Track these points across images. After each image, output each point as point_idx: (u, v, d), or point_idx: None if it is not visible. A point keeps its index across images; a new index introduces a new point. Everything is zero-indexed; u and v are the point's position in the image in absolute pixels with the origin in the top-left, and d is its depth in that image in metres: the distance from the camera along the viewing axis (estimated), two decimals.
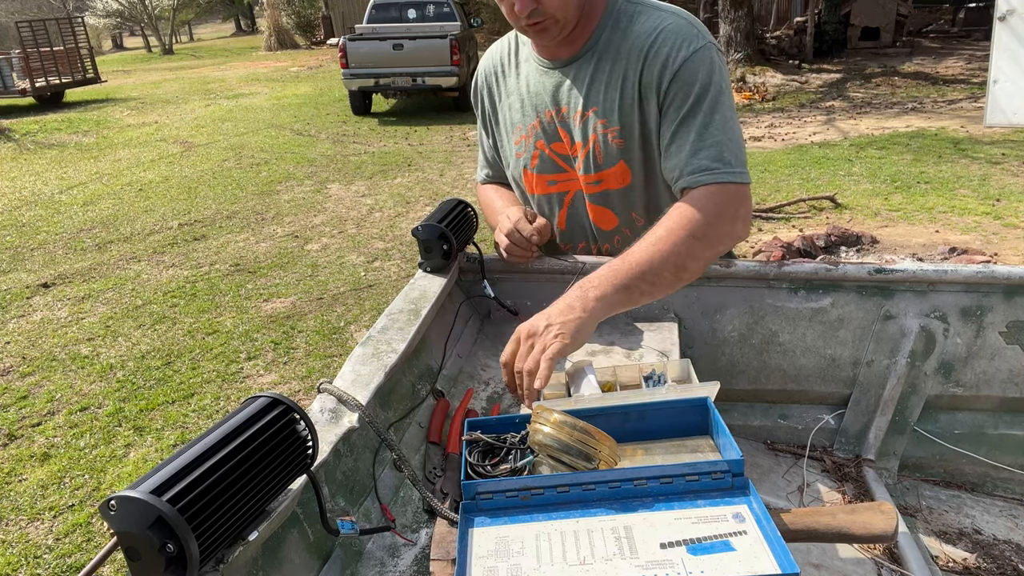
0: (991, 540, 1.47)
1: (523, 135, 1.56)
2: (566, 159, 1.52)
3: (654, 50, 1.34)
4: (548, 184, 1.57)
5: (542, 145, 1.53)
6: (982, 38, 14.30)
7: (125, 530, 0.67)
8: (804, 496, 1.52)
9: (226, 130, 11.11)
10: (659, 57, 1.33)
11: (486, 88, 1.64)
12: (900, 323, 1.55)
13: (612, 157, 1.44)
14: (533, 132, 1.53)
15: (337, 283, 5.08)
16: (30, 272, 5.58)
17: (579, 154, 1.48)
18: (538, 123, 1.52)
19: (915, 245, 5.05)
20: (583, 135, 1.45)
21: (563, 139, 1.50)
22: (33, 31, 14.90)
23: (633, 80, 1.37)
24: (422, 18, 12.22)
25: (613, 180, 1.47)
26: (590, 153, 1.46)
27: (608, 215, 1.54)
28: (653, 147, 1.42)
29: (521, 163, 1.59)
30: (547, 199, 1.60)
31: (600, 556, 0.81)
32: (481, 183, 1.79)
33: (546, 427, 0.94)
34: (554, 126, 1.50)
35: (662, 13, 1.39)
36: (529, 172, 1.58)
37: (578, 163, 1.49)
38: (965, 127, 8.48)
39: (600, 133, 1.43)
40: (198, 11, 37.31)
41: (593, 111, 1.42)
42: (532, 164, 1.56)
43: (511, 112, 1.58)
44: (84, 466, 3.15)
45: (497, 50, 1.62)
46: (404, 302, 1.39)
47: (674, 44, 1.33)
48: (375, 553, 0.99)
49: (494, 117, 1.65)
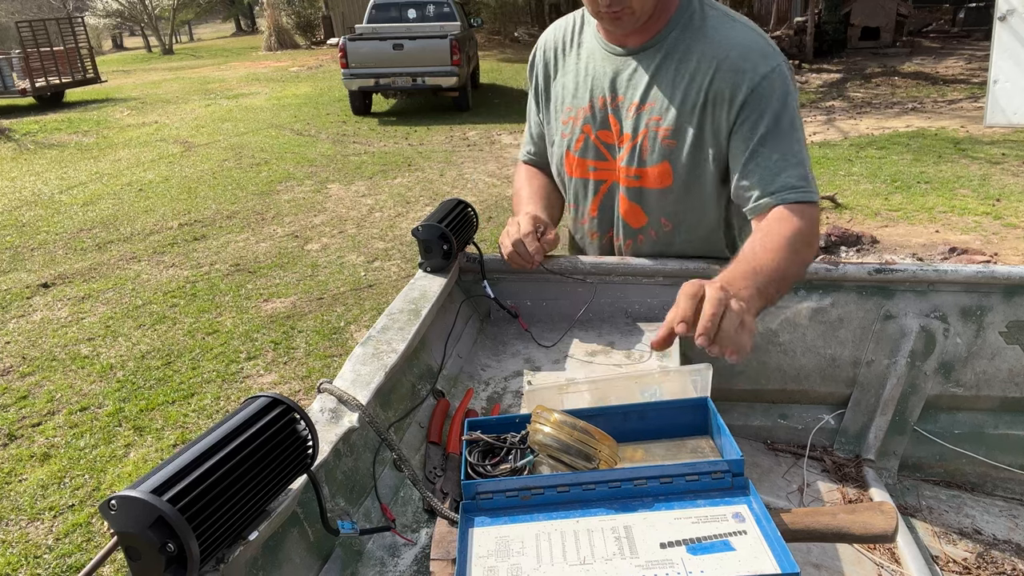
0: (991, 540, 1.47)
1: (571, 116, 1.55)
2: (610, 148, 1.52)
3: (730, 61, 1.34)
4: (588, 170, 1.57)
5: (589, 130, 1.52)
6: (982, 38, 14.29)
7: (125, 530, 0.67)
8: (804, 496, 1.52)
9: (226, 130, 11.11)
10: (736, 70, 1.33)
11: (543, 63, 1.62)
12: (900, 323, 1.55)
13: (657, 155, 1.44)
14: (582, 115, 1.52)
15: (337, 283, 5.08)
16: (30, 272, 5.58)
17: (625, 145, 1.47)
18: (589, 107, 1.51)
19: (915, 245, 5.05)
20: (634, 127, 1.45)
21: (612, 128, 1.50)
22: (33, 31, 14.90)
23: (701, 85, 1.36)
24: (422, 18, 12.23)
25: (652, 179, 1.47)
26: (637, 146, 1.45)
27: (638, 212, 1.53)
28: (703, 155, 1.41)
29: (565, 144, 1.58)
30: (584, 184, 1.59)
31: (600, 556, 0.81)
32: (522, 161, 1.79)
33: (546, 427, 0.95)
34: (605, 113, 1.49)
35: (737, 23, 1.39)
36: (571, 154, 1.57)
37: (622, 154, 1.49)
38: (965, 127, 8.48)
39: (652, 129, 1.42)
40: (198, 11, 37.30)
41: (650, 106, 1.42)
42: (576, 147, 1.55)
43: (563, 91, 1.57)
44: (84, 466, 3.15)
45: (561, 26, 1.60)
46: (404, 302, 1.39)
47: (754, 60, 1.33)
48: (375, 553, 0.99)
49: (546, 94, 1.63)
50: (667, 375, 1.19)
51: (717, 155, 1.41)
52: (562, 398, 1.15)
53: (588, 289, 1.60)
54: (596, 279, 1.60)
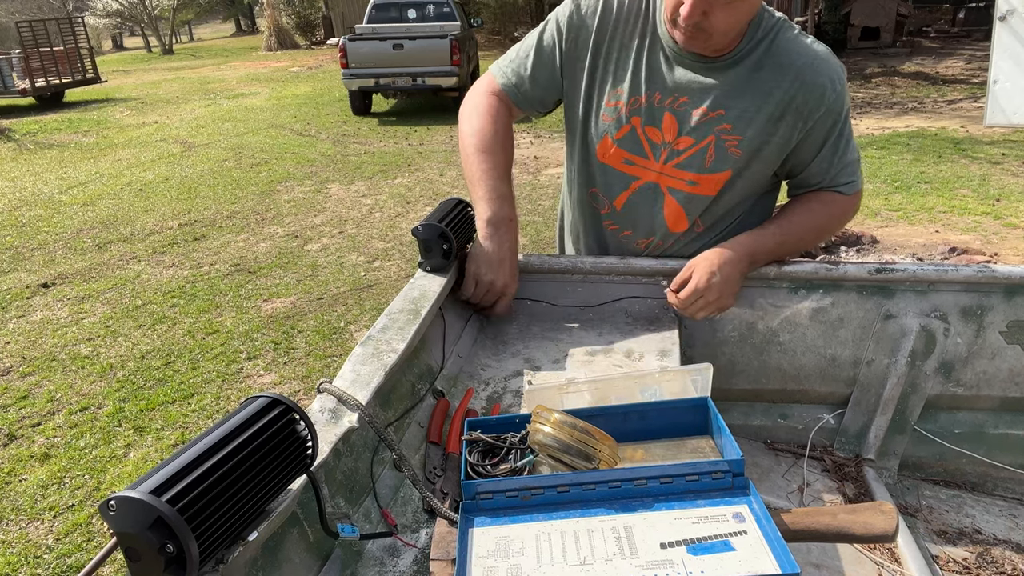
0: (991, 540, 1.47)
1: (620, 102, 1.49)
2: (653, 146, 1.50)
3: (811, 76, 1.40)
4: (623, 162, 1.53)
5: (637, 122, 1.49)
6: (982, 38, 14.29)
7: (125, 530, 0.67)
8: (804, 496, 1.52)
9: (226, 130, 11.11)
10: (817, 85, 1.40)
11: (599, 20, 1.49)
12: (900, 323, 1.55)
13: (721, 164, 1.46)
14: (634, 106, 1.48)
15: (337, 283, 5.08)
16: (30, 272, 5.58)
17: (684, 149, 1.47)
18: (644, 99, 1.47)
19: (915, 245, 5.05)
20: (700, 133, 1.45)
21: (664, 127, 1.47)
22: (33, 31, 14.90)
23: (780, 98, 1.41)
24: (422, 18, 12.23)
25: (707, 186, 1.49)
26: (700, 152, 1.46)
27: (682, 217, 1.55)
28: (766, 166, 1.49)
29: (604, 127, 1.52)
30: (616, 175, 1.56)
31: (600, 556, 0.81)
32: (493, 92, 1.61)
33: (546, 427, 0.94)
34: (661, 111, 1.47)
35: (802, 36, 1.45)
36: (610, 140, 1.52)
37: (678, 158, 1.48)
38: (965, 127, 8.48)
39: (720, 137, 1.44)
40: (198, 11, 37.32)
41: (720, 113, 1.43)
42: (618, 135, 1.51)
43: (619, 71, 1.49)
44: (84, 466, 3.15)
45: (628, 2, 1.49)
46: (404, 302, 1.38)
47: (829, 75, 1.41)
48: (375, 553, 0.99)
49: (592, 57, 1.51)
50: (667, 375, 1.19)
51: (776, 164, 1.50)
52: (562, 398, 1.15)
53: (588, 288, 1.60)
54: (596, 279, 1.60)
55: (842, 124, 1.46)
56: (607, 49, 1.50)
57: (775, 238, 1.50)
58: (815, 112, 1.41)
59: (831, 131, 1.45)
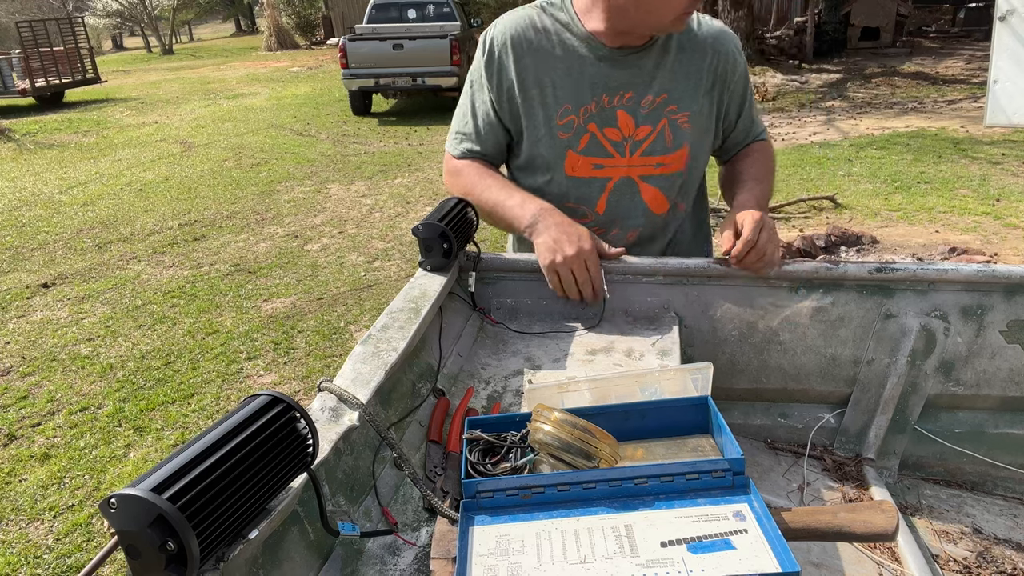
0: (991, 539, 1.47)
1: (573, 116, 1.55)
2: (616, 145, 1.58)
3: (723, 46, 1.59)
4: (593, 167, 1.59)
5: (594, 128, 1.55)
6: (982, 38, 14.30)
7: (125, 528, 0.67)
8: (804, 495, 1.52)
9: (226, 130, 11.11)
10: (729, 54, 1.59)
11: (513, 57, 1.56)
12: (900, 322, 1.55)
13: (680, 140, 1.59)
14: (586, 114, 1.55)
15: (337, 283, 5.08)
16: (30, 272, 5.58)
17: (644, 138, 1.57)
18: (594, 106, 1.54)
19: (915, 245, 5.05)
20: (652, 120, 1.56)
21: (620, 125, 1.55)
22: (33, 31, 14.91)
23: (706, 70, 1.57)
24: (422, 18, 12.23)
25: (674, 163, 1.61)
26: (659, 136, 1.57)
27: (661, 197, 1.65)
28: (711, 131, 1.65)
29: (564, 143, 1.57)
30: (588, 183, 1.61)
31: (600, 555, 0.81)
32: (458, 157, 1.68)
33: (547, 426, 0.94)
34: (612, 111, 1.54)
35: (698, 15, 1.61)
36: (574, 153, 1.58)
37: (641, 147, 1.58)
38: (965, 127, 8.48)
39: (671, 118, 1.56)
40: (198, 11, 37.34)
41: (664, 97, 1.55)
42: (580, 146, 1.57)
43: (557, 89, 1.55)
44: (84, 466, 3.15)
45: (521, 22, 1.57)
46: (404, 301, 1.38)
47: (735, 43, 1.62)
48: (375, 552, 0.99)
49: (522, 90, 1.57)
50: (667, 374, 1.19)
51: (716, 127, 1.66)
52: (562, 397, 1.15)
53: None
54: None
55: (749, 84, 1.69)
56: (535, 77, 1.56)
57: (760, 189, 1.61)
58: (731, 77, 1.60)
59: (745, 91, 1.66)
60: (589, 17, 1.53)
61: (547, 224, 1.49)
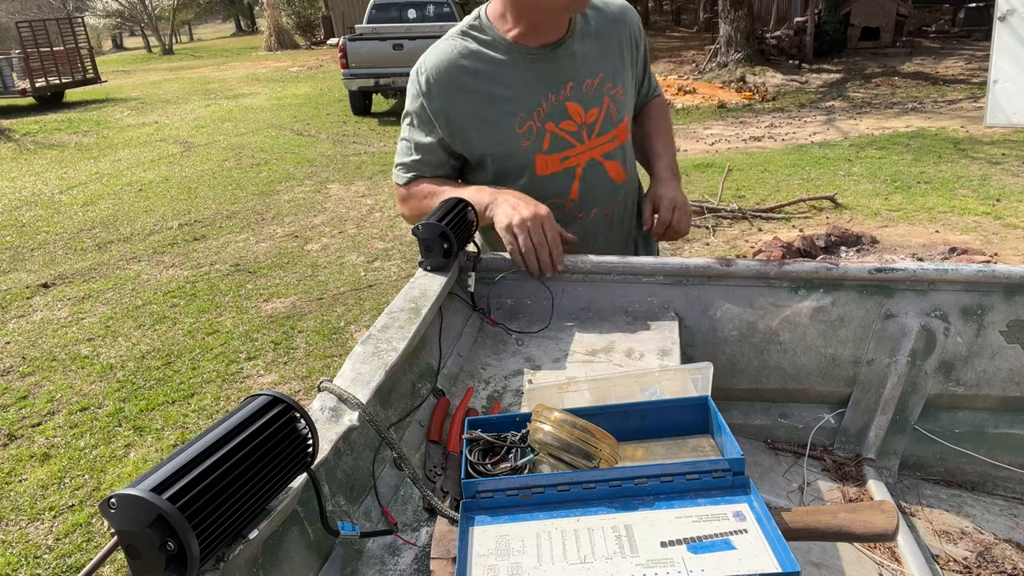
0: (991, 539, 1.47)
1: (529, 122, 1.60)
2: (574, 134, 1.65)
3: (622, 16, 1.70)
4: (561, 161, 1.65)
5: (551, 126, 1.61)
6: (982, 38, 14.29)
7: (125, 528, 0.67)
8: (804, 495, 1.52)
9: (226, 130, 11.11)
10: (628, 22, 1.70)
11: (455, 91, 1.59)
12: (900, 322, 1.55)
13: (621, 112, 1.70)
14: (540, 115, 1.60)
15: (337, 283, 5.08)
16: (30, 272, 5.59)
17: (597, 119, 1.65)
18: (545, 106, 1.59)
19: (915, 245, 5.05)
20: (598, 100, 1.64)
21: (572, 115, 1.62)
22: (33, 31, 14.91)
23: (620, 42, 1.68)
24: (422, 18, 12.23)
25: (621, 134, 1.72)
26: (607, 114, 1.66)
27: (619, 169, 1.75)
28: (633, 96, 1.78)
29: (531, 150, 1.61)
30: (560, 176, 1.67)
31: (600, 555, 0.81)
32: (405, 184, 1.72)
33: (547, 426, 0.94)
34: (561, 104, 1.60)
35: None
36: (542, 155, 1.63)
37: (596, 128, 1.66)
38: (965, 127, 8.48)
39: (609, 93, 1.66)
40: (198, 11, 37.34)
41: (600, 77, 1.64)
42: (544, 146, 1.63)
43: (506, 104, 1.58)
44: (84, 466, 3.15)
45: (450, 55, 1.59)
46: (404, 301, 1.38)
47: (632, 11, 1.74)
48: (375, 552, 0.99)
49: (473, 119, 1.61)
50: (667, 374, 1.19)
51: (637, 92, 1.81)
52: (562, 397, 1.15)
53: (588, 288, 1.60)
54: (597, 278, 1.60)
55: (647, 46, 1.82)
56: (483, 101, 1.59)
57: (669, 156, 1.82)
58: (636, 41, 1.73)
59: (645, 53, 1.80)
60: (505, 25, 1.57)
61: (505, 197, 1.55)
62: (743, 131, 9.25)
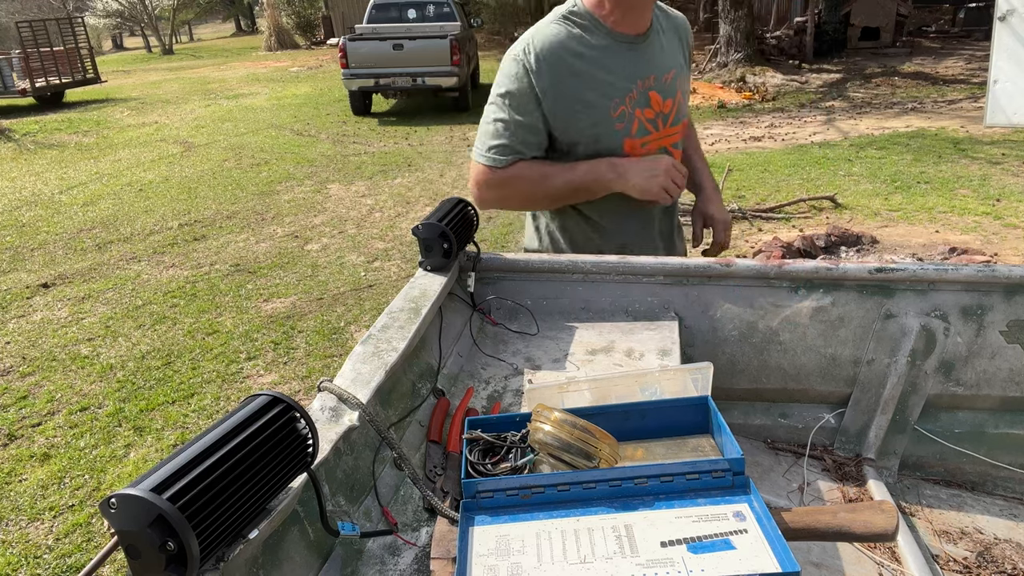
0: (991, 539, 1.47)
1: (623, 106, 1.65)
2: (651, 122, 1.71)
3: (684, 26, 1.81)
4: (642, 146, 1.70)
5: (638, 112, 1.67)
6: (982, 38, 14.29)
7: (125, 528, 0.67)
8: (804, 495, 1.52)
9: (226, 130, 11.11)
10: (686, 33, 1.81)
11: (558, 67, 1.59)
12: (901, 322, 1.55)
13: (683, 110, 1.79)
14: (632, 101, 1.65)
15: (337, 283, 5.08)
16: (30, 272, 5.58)
17: (672, 109, 1.73)
18: (635, 93, 1.65)
19: (915, 245, 5.05)
20: (672, 92, 1.72)
21: (652, 103, 1.69)
22: (33, 31, 14.90)
23: (680, 45, 1.79)
24: (422, 18, 12.22)
25: (681, 130, 1.80)
26: (678, 107, 1.75)
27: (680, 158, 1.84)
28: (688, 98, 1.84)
29: (622, 133, 1.66)
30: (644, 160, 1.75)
31: (600, 554, 0.81)
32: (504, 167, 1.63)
33: (547, 426, 0.94)
34: (646, 92, 1.67)
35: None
36: (631, 139, 1.67)
37: (670, 118, 1.73)
38: (965, 127, 8.48)
39: (681, 89, 1.77)
40: (198, 11, 37.34)
41: (673, 72, 1.72)
42: (633, 130, 1.67)
43: (603, 87, 1.62)
44: (84, 466, 3.15)
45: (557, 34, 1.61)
46: (405, 301, 1.38)
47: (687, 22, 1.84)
48: (375, 552, 0.99)
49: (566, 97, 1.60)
50: (667, 374, 1.19)
51: None
52: (562, 397, 1.15)
53: (588, 288, 1.60)
54: (597, 278, 1.60)
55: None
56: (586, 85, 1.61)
57: (710, 174, 1.94)
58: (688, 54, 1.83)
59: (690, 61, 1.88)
60: (602, 11, 1.63)
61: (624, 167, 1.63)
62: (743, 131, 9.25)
